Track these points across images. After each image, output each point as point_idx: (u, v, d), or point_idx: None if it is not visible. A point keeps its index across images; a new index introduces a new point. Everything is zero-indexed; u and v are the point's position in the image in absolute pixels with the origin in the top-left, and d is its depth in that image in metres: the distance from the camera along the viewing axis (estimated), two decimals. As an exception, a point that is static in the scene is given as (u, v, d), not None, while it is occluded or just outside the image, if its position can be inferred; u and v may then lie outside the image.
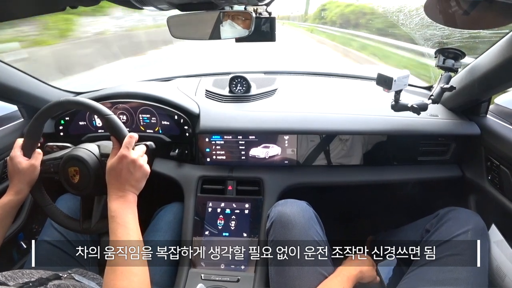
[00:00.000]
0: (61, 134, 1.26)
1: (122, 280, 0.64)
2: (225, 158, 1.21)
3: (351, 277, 0.85)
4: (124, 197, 0.75)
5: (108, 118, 0.83)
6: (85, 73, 5.48)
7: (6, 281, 0.67)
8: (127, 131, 0.82)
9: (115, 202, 0.74)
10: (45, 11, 0.79)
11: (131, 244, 0.69)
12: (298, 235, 0.86)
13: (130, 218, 0.73)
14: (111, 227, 0.71)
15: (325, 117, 1.17)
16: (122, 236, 0.70)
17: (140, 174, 0.78)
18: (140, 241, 0.72)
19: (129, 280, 0.65)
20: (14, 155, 0.87)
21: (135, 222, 0.74)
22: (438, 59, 1.06)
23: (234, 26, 0.78)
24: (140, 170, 0.78)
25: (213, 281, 1.00)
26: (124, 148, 0.77)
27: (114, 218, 0.72)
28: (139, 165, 0.78)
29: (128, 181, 0.76)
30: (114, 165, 0.76)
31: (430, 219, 0.96)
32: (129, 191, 0.76)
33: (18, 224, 1.20)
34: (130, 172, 0.76)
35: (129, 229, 0.71)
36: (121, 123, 0.83)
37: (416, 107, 1.02)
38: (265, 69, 1.57)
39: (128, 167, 0.76)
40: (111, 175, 0.77)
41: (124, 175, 0.76)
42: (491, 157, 1.04)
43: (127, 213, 0.74)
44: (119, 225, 0.71)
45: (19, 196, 0.85)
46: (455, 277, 0.79)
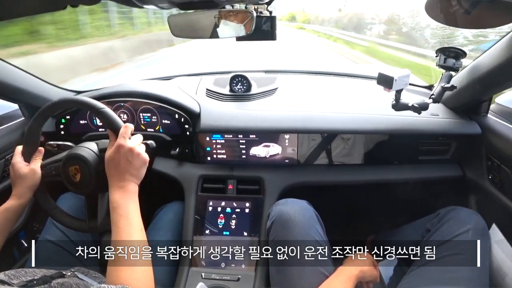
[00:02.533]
0: (62, 133, 1.26)
1: (124, 271, 0.64)
2: (225, 157, 1.21)
3: (352, 277, 0.85)
4: (125, 187, 0.74)
5: (102, 111, 0.82)
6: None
7: (9, 280, 0.67)
8: (122, 122, 0.81)
9: (116, 193, 0.73)
10: (46, 9, 0.79)
11: (134, 234, 0.69)
12: (299, 234, 0.86)
13: (132, 208, 0.72)
14: (113, 218, 0.71)
15: (325, 116, 1.16)
16: (124, 227, 0.69)
17: (139, 162, 0.77)
18: (142, 232, 0.72)
19: (132, 270, 0.65)
20: (14, 161, 0.87)
21: (137, 212, 0.73)
22: (439, 58, 1.05)
23: (235, 25, 0.78)
24: (139, 158, 0.77)
25: (214, 280, 1.00)
26: (120, 138, 0.76)
27: (116, 209, 0.71)
28: (136, 153, 0.77)
29: (127, 170, 0.75)
30: (112, 156, 0.75)
31: (431, 218, 0.96)
32: (129, 180, 0.75)
33: (19, 223, 1.20)
34: (129, 161, 0.76)
35: (131, 220, 0.71)
36: (115, 115, 0.82)
37: (417, 106, 1.02)
38: (265, 68, 1.57)
39: (126, 156, 0.75)
40: (110, 166, 0.76)
41: (123, 165, 0.75)
42: (492, 157, 1.04)
43: (129, 203, 0.73)
44: (121, 216, 0.70)
45: (21, 200, 0.86)
46: (455, 276, 0.79)
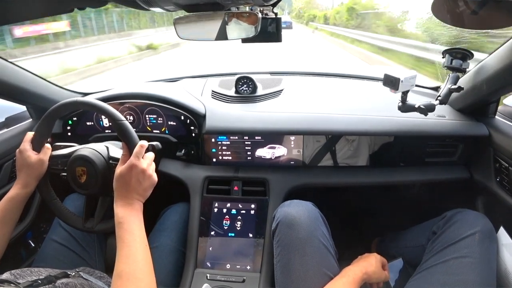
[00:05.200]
0: (69, 134, 1.28)
1: (128, 287, 0.65)
2: (231, 159, 1.21)
3: (357, 279, 0.85)
4: (131, 205, 0.76)
5: (121, 123, 0.84)
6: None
7: (15, 279, 0.68)
8: (138, 139, 0.83)
9: (122, 209, 0.75)
10: (53, 12, 0.81)
11: (138, 250, 0.70)
12: (304, 236, 0.86)
13: (136, 225, 0.74)
14: (118, 233, 0.72)
15: (331, 118, 1.16)
16: (129, 242, 0.71)
17: (148, 184, 0.80)
18: (146, 248, 0.73)
19: (136, 286, 0.65)
20: (23, 148, 0.88)
21: (141, 230, 0.75)
22: (446, 60, 1.05)
23: (241, 27, 0.79)
24: (149, 180, 0.80)
25: (219, 281, 1.00)
26: (134, 157, 0.78)
27: (121, 225, 0.73)
28: (148, 175, 0.79)
29: (135, 190, 0.77)
30: (124, 173, 0.77)
31: (437, 221, 0.95)
32: (135, 199, 0.77)
33: (27, 223, 1.22)
34: (139, 181, 0.77)
35: (136, 236, 0.72)
36: (133, 130, 0.84)
37: (423, 107, 1.01)
38: (271, 70, 1.57)
39: (138, 177, 0.77)
40: (119, 182, 0.77)
41: (133, 184, 0.77)
42: (500, 159, 1.02)
43: (134, 220, 0.75)
44: (126, 231, 0.72)
45: (26, 189, 0.86)
46: (462, 279, 0.78)
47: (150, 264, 0.71)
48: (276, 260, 0.89)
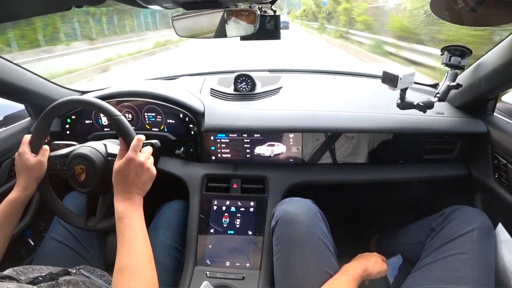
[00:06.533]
0: (67, 132, 1.28)
1: (130, 281, 0.65)
2: (230, 157, 1.21)
3: (356, 276, 0.85)
4: (131, 199, 0.76)
5: (117, 119, 0.84)
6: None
7: (17, 276, 0.68)
8: (135, 133, 0.83)
9: (122, 204, 0.75)
10: (51, 10, 0.80)
11: (139, 244, 0.70)
12: (303, 233, 0.86)
13: (137, 219, 0.74)
14: (119, 228, 0.72)
15: (330, 115, 1.16)
16: (130, 237, 0.71)
17: (147, 177, 0.80)
18: (147, 242, 0.73)
19: (137, 280, 0.65)
20: (22, 151, 0.88)
21: (142, 224, 0.75)
22: (444, 57, 1.05)
23: (239, 25, 0.79)
24: (148, 173, 0.80)
25: (218, 278, 1.01)
26: (132, 151, 0.78)
27: (121, 219, 0.73)
28: (146, 168, 0.79)
29: (135, 184, 0.77)
30: (122, 168, 0.77)
31: (436, 217, 0.95)
32: (135, 193, 0.77)
33: (26, 222, 1.21)
34: (138, 175, 0.77)
35: (137, 230, 0.72)
36: (129, 125, 0.84)
37: (422, 105, 1.01)
38: (270, 67, 1.57)
39: (136, 170, 0.77)
40: (118, 177, 0.77)
41: (131, 178, 0.77)
42: (498, 155, 1.03)
43: (135, 215, 0.75)
44: (127, 226, 0.72)
45: (26, 192, 0.86)
46: (460, 276, 0.79)
47: (151, 258, 0.71)
48: (275, 257, 0.89)
